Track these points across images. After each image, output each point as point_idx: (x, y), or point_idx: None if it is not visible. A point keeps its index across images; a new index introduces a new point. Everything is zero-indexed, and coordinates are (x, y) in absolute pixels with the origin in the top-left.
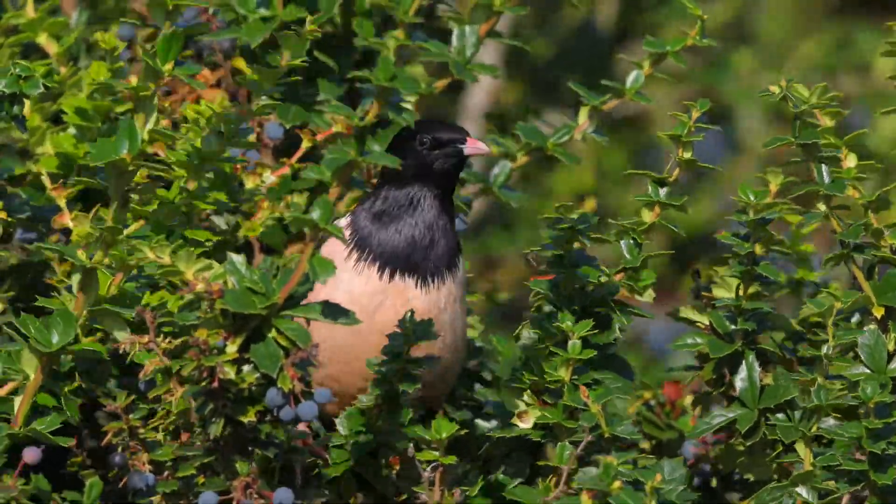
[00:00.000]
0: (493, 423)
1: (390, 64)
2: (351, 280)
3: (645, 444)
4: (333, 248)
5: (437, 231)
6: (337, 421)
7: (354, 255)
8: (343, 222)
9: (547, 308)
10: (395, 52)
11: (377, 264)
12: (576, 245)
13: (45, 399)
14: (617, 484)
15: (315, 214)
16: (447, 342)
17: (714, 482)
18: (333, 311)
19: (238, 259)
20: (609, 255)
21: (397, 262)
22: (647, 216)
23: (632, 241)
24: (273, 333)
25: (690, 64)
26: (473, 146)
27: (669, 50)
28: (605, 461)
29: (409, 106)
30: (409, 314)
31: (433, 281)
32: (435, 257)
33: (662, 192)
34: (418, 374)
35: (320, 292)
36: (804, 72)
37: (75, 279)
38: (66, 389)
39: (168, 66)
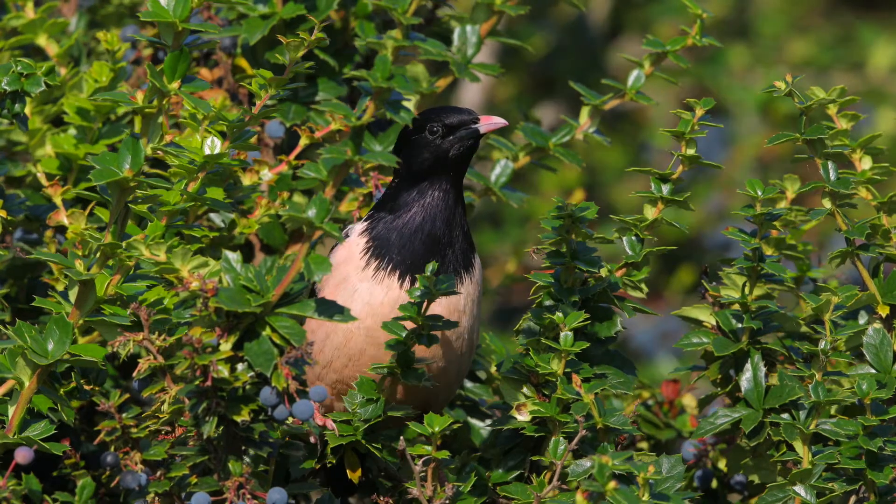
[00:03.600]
0: (487, 421)
1: (388, 64)
2: (371, 290)
3: (643, 444)
4: (350, 257)
5: (456, 226)
6: (345, 398)
7: (373, 264)
8: (359, 227)
9: (548, 302)
10: (392, 52)
11: (398, 272)
12: (576, 237)
13: (41, 401)
14: (612, 484)
15: (311, 213)
16: (463, 350)
17: (714, 483)
18: (328, 309)
19: (233, 256)
20: (606, 254)
21: (418, 268)
22: (650, 212)
23: (634, 238)
24: (267, 331)
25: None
26: (488, 122)
27: (669, 50)
28: (599, 461)
29: (409, 105)
30: (430, 266)
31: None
32: (453, 258)
33: (665, 188)
34: (435, 336)
35: (335, 296)
36: (798, 68)
37: (72, 290)
38: (62, 391)
39: (175, 85)
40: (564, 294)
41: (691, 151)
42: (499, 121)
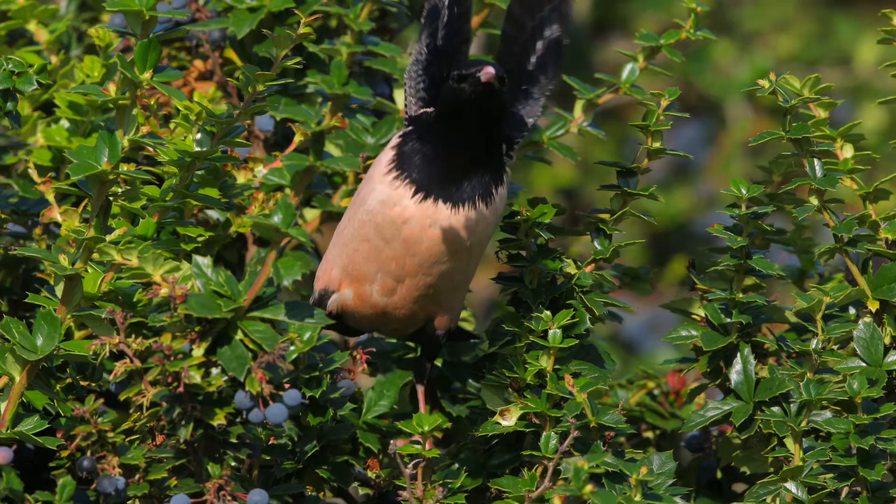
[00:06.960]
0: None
1: (343, 70)
2: (386, 192)
3: (648, 434)
4: (379, 161)
5: (478, 163)
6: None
7: (394, 173)
8: (395, 141)
9: (515, 303)
10: (347, 57)
11: (413, 187)
12: (538, 240)
13: (37, 397)
14: (588, 488)
15: (277, 219)
16: (470, 268)
17: (719, 474)
18: (300, 312)
19: (203, 261)
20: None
21: (431, 188)
22: (617, 206)
23: (601, 234)
24: (240, 336)
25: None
26: (486, 72)
27: (664, 44)
28: (574, 465)
29: (397, 96)
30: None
31: (464, 206)
32: (469, 188)
33: (631, 181)
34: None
35: (362, 188)
36: (784, 63)
37: (58, 286)
38: (58, 387)
39: (147, 75)
40: (530, 296)
41: (657, 144)
42: (490, 71)
